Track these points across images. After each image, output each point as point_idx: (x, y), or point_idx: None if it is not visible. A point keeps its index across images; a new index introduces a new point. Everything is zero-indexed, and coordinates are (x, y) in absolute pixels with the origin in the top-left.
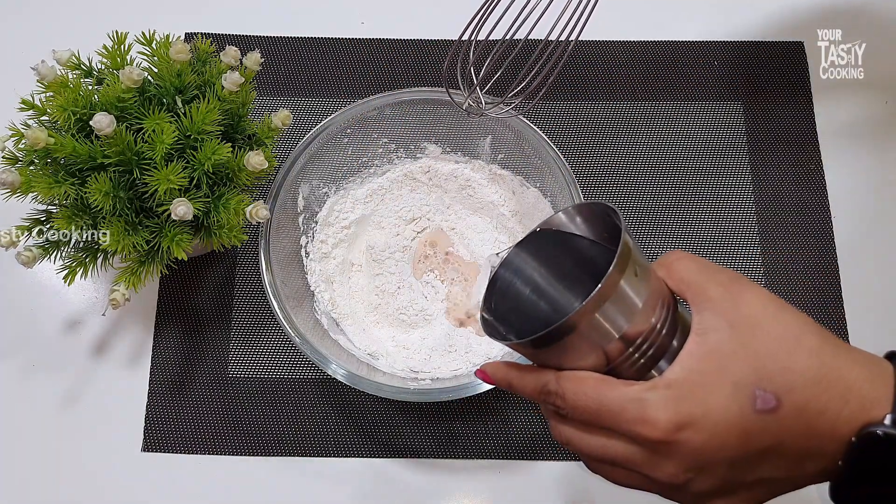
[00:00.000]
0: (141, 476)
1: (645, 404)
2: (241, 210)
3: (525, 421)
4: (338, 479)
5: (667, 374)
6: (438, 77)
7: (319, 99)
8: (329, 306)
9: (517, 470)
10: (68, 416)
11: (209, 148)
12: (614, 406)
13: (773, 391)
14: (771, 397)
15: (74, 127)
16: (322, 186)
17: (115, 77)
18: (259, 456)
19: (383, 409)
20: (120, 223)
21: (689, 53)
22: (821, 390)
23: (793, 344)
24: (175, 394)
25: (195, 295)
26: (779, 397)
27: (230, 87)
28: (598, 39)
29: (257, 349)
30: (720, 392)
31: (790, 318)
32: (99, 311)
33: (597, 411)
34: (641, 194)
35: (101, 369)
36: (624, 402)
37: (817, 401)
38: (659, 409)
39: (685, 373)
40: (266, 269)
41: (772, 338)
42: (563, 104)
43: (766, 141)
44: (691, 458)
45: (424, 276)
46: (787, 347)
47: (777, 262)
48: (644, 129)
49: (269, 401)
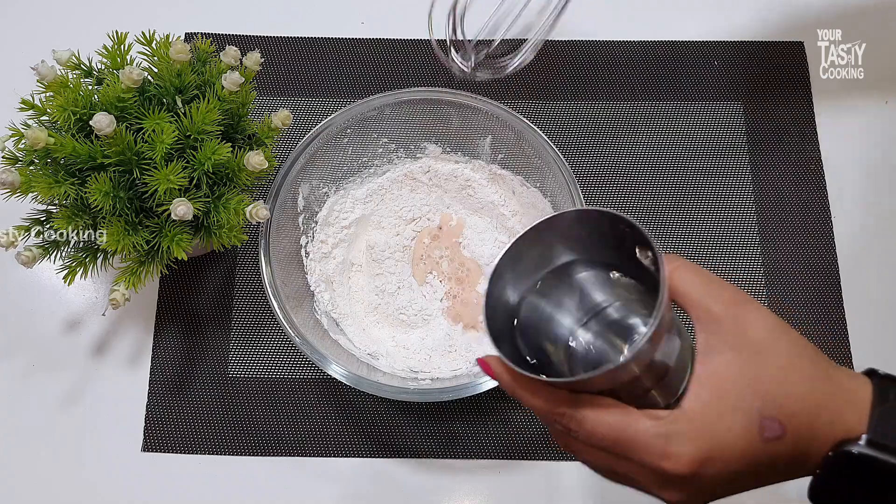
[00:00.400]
0: (141, 476)
1: (670, 441)
2: (241, 210)
3: (525, 421)
4: (338, 479)
5: (685, 406)
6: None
7: (319, 99)
8: (329, 306)
9: (517, 470)
10: (68, 417)
11: (209, 148)
12: (639, 440)
13: (778, 418)
14: (777, 425)
15: (74, 127)
16: (322, 186)
17: (115, 77)
18: (259, 456)
19: (383, 409)
20: (120, 223)
21: (689, 53)
22: (815, 416)
23: (794, 371)
24: (175, 394)
25: (195, 295)
26: (783, 424)
27: (230, 87)
28: (598, 39)
29: (257, 349)
30: (731, 422)
31: (791, 343)
32: (99, 311)
33: (615, 441)
34: (641, 194)
35: (101, 369)
36: (648, 437)
37: (812, 426)
38: (682, 445)
39: (700, 404)
40: (266, 269)
41: (775, 365)
42: (563, 104)
43: (767, 141)
44: (701, 486)
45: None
46: (789, 374)
47: (777, 261)
48: (644, 129)
49: (269, 401)
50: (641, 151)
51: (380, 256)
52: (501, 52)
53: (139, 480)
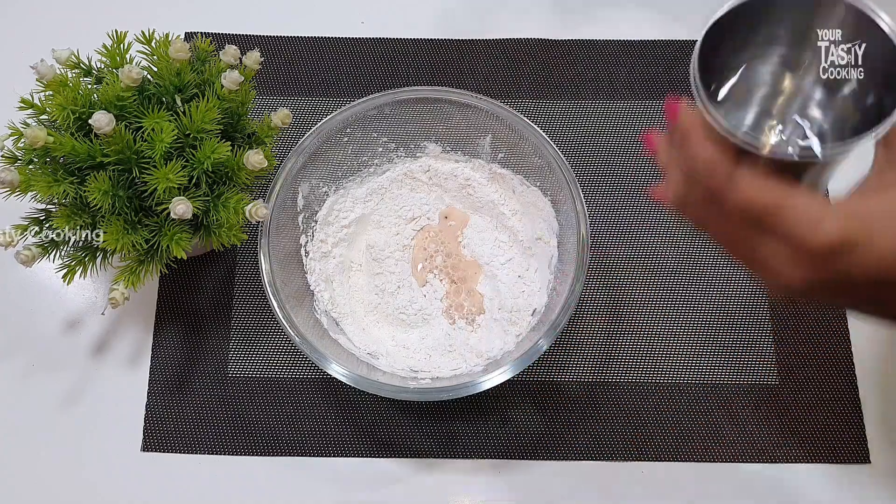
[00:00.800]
0: (141, 476)
1: (826, 213)
2: (240, 209)
3: (525, 421)
4: (338, 479)
5: (849, 199)
6: (439, 76)
7: (319, 98)
8: (329, 305)
9: (517, 470)
10: (68, 416)
11: (209, 147)
12: (796, 207)
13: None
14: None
15: (74, 126)
16: (322, 185)
17: (115, 76)
18: (259, 456)
19: (383, 409)
20: (119, 222)
21: (690, 52)
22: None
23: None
24: (175, 393)
25: (195, 294)
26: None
27: (230, 85)
28: (598, 39)
29: (257, 349)
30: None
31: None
32: (98, 310)
33: (767, 206)
34: (642, 193)
35: (100, 369)
36: (806, 205)
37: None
38: (838, 220)
39: (864, 204)
40: (266, 268)
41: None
42: (563, 104)
43: None
44: (837, 271)
45: (425, 276)
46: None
47: None
48: (644, 128)
49: (269, 401)
50: (642, 150)
51: (380, 256)
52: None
53: (139, 480)
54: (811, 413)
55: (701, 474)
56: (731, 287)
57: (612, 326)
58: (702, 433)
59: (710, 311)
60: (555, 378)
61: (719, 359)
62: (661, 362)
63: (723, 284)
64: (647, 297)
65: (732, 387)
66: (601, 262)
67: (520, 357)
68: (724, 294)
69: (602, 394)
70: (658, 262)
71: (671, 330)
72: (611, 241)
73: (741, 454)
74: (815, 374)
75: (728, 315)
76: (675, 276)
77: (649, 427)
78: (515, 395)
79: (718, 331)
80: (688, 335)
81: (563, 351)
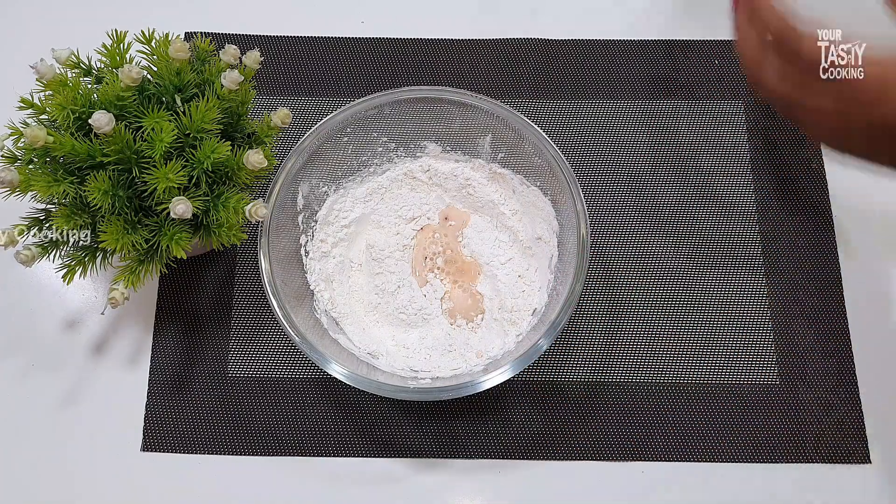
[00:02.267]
0: (141, 476)
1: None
2: (240, 209)
3: (525, 421)
4: (338, 479)
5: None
6: (438, 76)
7: (319, 98)
8: (329, 305)
9: (517, 470)
10: (68, 416)
11: (208, 146)
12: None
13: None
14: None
15: (73, 125)
16: (322, 185)
17: (115, 75)
18: (259, 456)
19: (383, 409)
20: (119, 222)
21: (690, 52)
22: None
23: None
24: (175, 393)
25: (195, 294)
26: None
27: (230, 85)
28: (598, 39)
29: (257, 349)
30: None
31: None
32: (98, 310)
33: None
34: (642, 193)
35: (100, 369)
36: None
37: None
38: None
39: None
40: (266, 268)
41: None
42: (563, 104)
43: (768, 140)
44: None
45: (425, 276)
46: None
47: (778, 260)
48: (644, 128)
49: (269, 400)
50: (642, 150)
51: (379, 255)
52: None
53: (139, 480)
54: (811, 413)
55: (701, 474)
56: (731, 287)
57: (611, 326)
58: (702, 433)
59: (710, 311)
60: (555, 378)
61: (719, 359)
62: (661, 362)
63: (723, 284)
64: (647, 297)
65: (732, 387)
66: (601, 262)
67: (520, 357)
68: (724, 294)
69: (602, 393)
70: (658, 262)
71: (671, 330)
72: (611, 241)
73: (741, 454)
74: (816, 374)
75: (728, 315)
76: (675, 276)
77: (649, 427)
78: (515, 394)
79: (718, 331)
80: (688, 335)
81: (563, 351)
